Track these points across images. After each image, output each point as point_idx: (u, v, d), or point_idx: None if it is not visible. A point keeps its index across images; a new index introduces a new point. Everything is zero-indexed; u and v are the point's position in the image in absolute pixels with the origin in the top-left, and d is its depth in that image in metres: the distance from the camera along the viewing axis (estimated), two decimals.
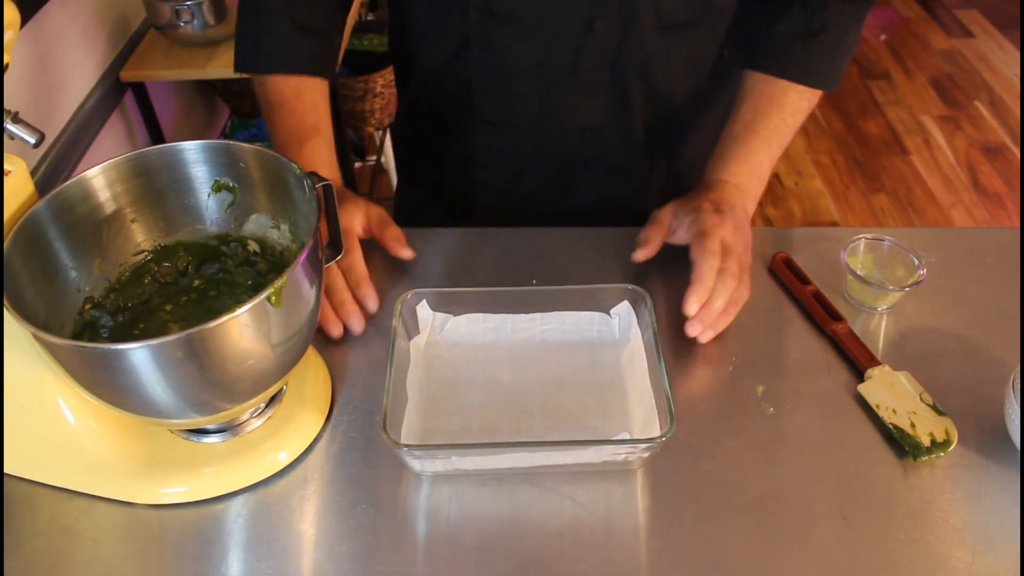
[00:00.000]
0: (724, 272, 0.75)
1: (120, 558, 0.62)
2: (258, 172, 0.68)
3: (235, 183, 0.70)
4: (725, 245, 0.77)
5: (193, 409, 0.59)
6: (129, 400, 0.57)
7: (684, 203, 0.83)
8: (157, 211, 0.70)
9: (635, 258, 0.82)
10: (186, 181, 0.69)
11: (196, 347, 0.53)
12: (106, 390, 0.57)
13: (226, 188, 0.70)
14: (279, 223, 0.70)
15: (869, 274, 0.81)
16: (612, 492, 0.65)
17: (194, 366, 0.54)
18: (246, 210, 0.71)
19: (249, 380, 0.60)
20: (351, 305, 0.78)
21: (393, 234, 0.84)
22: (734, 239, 0.78)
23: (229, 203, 0.71)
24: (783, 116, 0.86)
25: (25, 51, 1.39)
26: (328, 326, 0.77)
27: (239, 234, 0.72)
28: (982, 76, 3.11)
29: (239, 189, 0.70)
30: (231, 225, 0.72)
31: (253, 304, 0.54)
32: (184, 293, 0.71)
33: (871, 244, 0.82)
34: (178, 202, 0.70)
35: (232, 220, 0.71)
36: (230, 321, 0.53)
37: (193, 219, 0.71)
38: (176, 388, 0.56)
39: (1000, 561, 0.61)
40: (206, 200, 0.70)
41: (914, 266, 0.79)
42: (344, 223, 0.81)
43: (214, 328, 0.53)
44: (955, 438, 0.68)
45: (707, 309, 0.74)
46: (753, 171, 0.86)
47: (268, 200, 0.70)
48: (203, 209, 0.71)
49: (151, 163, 0.67)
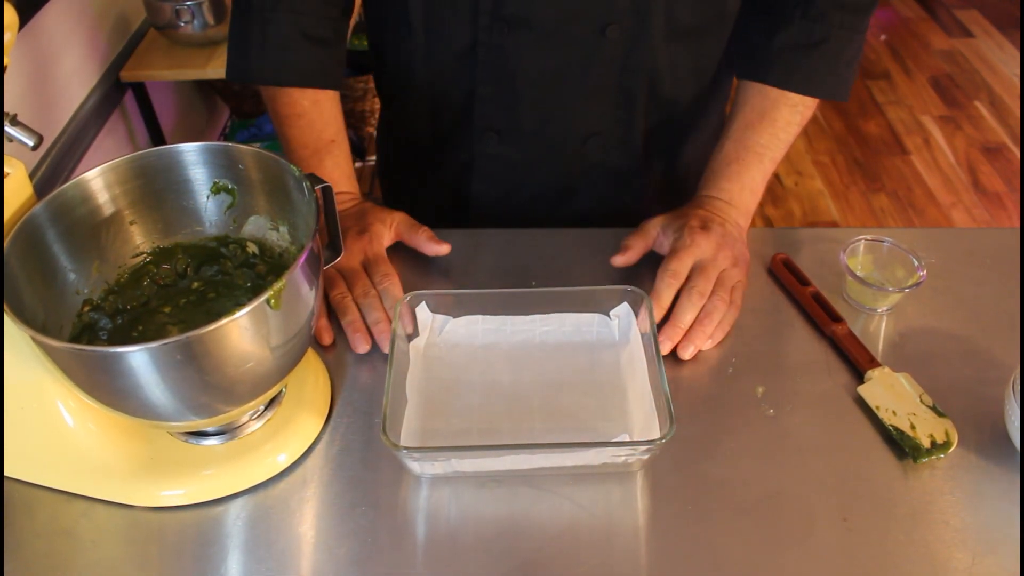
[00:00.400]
0: (690, 290, 0.76)
1: (120, 560, 0.62)
2: (257, 174, 0.68)
3: (234, 185, 0.69)
4: (700, 264, 0.78)
5: (192, 412, 0.59)
6: (128, 403, 0.57)
7: (674, 218, 0.84)
8: (156, 213, 0.70)
9: (614, 262, 0.83)
10: (185, 183, 0.69)
11: (195, 350, 0.53)
12: (105, 393, 0.57)
13: (225, 190, 0.70)
14: (278, 225, 0.70)
15: (869, 275, 0.81)
16: (612, 494, 0.65)
17: (192, 369, 0.54)
18: (245, 212, 0.71)
19: (248, 382, 0.60)
20: (360, 325, 0.77)
21: (426, 234, 0.84)
22: (716, 255, 0.79)
23: (228, 205, 0.71)
24: (774, 131, 0.86)
25: (24, 52, 1.39)
26: (322, 335, 0.77)
27: (238, 236, 0.72)
28: (982, 76, 3.11)
29: (238, 191, 0.70)
30: (230, 227, 0.72)
31: (252, 307, 0.54)
32: (183, 295, 0.71)
33: (871, 245, 0.82)
34: (177, 204, 0.70)
35: (231, 222, 0.71)
36: (229, 324, 0.53)
37: (192, 221, 0.71)
38: (175, 391, 0.56)
39: (1000, 563, 0.61)
40: (205, 202, 0.70)
41: (914, 267, 0.79)
42: (374, 248, 0.82)
43: (213, 331, 0.53)
44: (955, 439, 0.68)
45: (672, 326, 0.75)
46: (745, 186, 0.86)
47: (267, 202, 0.70)
48: (202, 211, 0.71)
49: (150, 165, 0.67)
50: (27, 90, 1.41)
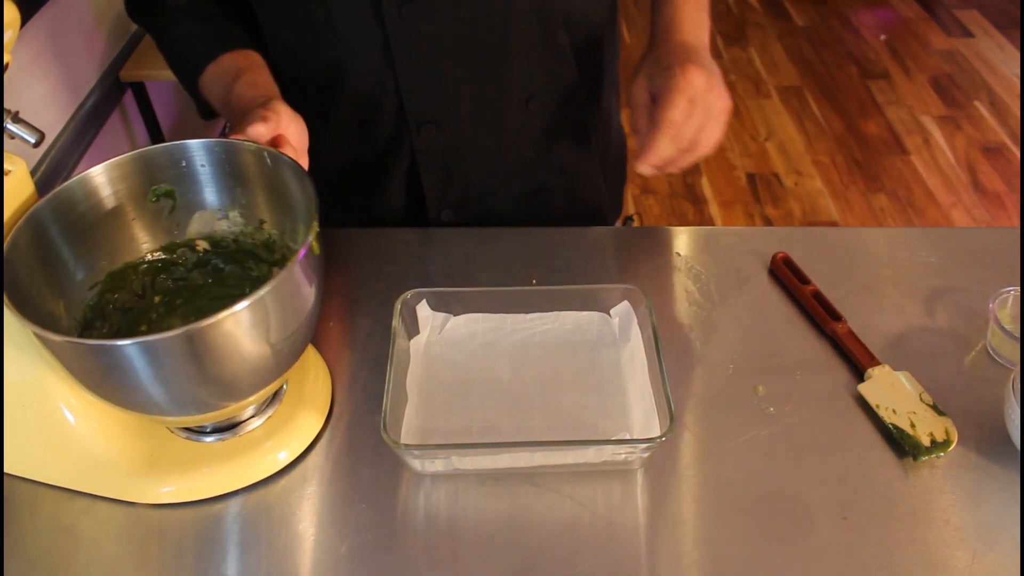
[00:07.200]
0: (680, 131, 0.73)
1: (120, 558, 0.62)
2: (201, 162, 0.68)
3: (172, 185, 0.69)
4: (693, 99, 0.74)
5: (192, 407, 0.59)
6: (129, 397, 0.57)
7: (653, 64, 0.79)
8: (159, 211, 0.70)
9: (638, 168, 0.76)
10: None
11: (195, 343, 0.53)
12: (106, 388, 0.57)
13: (166, 195, 0.69)
14: (228, 211, 0.70)
15: (1015, 329, 0.75)
16: (612, 492, 0.65)
17: (193, 363, 0.55)
18: (188, 211, 0.70)
19: (249, 377, 0.60)
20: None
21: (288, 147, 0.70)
22: (711, 85, 0.74)
23: (169, 209, 0.70)
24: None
25: (25, 50, 1.39)
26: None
27: (184, 238, 0.71)
28: (982, 76, 3.11)
29: (177, 191, 0.69)
30: (173, 232, 0.71)
31: (253, 299, 0.54)
32: (184, 293, 0.71)
33: (1017, 298, 0.76)
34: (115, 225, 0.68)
35: (173, 227, 0.71)
36: (229, 317, 0.53)
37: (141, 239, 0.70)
38: (175, 385, 0.56)
39: (1000, 561, 0.61)
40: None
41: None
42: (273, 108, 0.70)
43: (212, 324, 0.53)
44: (955, 438, 0.68)
45: (652, 157, 0.74)
46: (701, 21, 0.84)
47: (214, 190, 0.69)
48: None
49: (154, 161, 0.67)
50: (28, 88, 1.42)
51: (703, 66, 0.75)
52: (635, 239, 0.90)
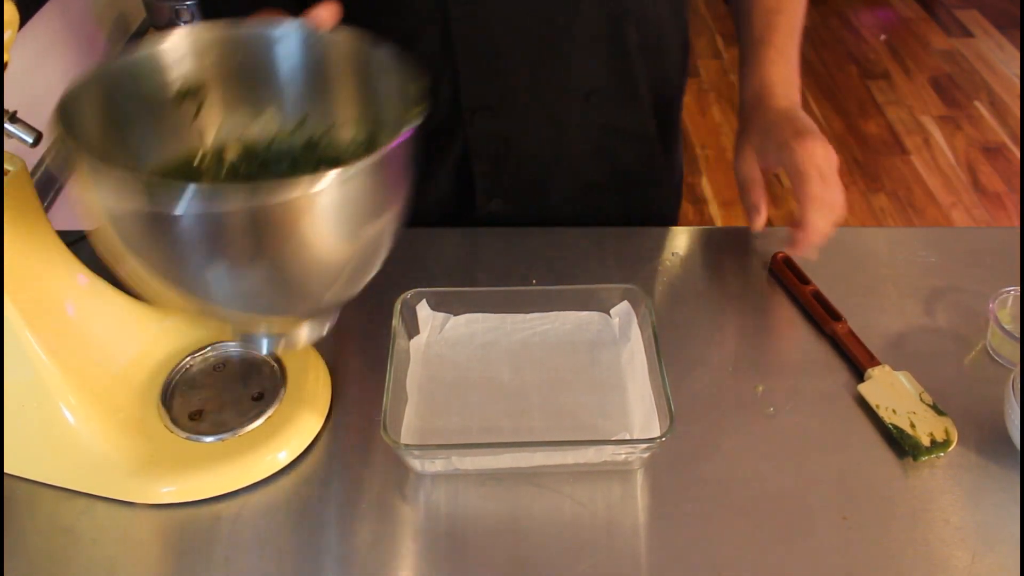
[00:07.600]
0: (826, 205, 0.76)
1: (120, 558, 0.62)
2: (233, 58, 0.59)
3: (201, 82, 0.60)
4: (823, 173, 0.76)
5: (252, 297, 0.53)
6: (184, 272, 0.50)
7: (759, 140, 0.82)
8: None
9: (754, 228, 0.82)
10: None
11: (264, 214, 0.47)
12: (163, 256, 0.50)
13: (190, 93, 0.60)
14: (263, 109, 0.61)
15: (1015, 329, 0.75)
16: (612, 492, 0.65)
17: (255, 239, 0.48)
18: (214, 113, 0.61)
19: (320, 273, 0.53)
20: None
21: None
22: (825, 156, 0.77)
23: (194, 113, 0.61)
24: (790, 16, 0.87)
25: (25, 50, 1.39)
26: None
27: (217, 145, 0.62)
28: (982, 76, 3.11)
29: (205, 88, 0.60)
30: (195, 138, 0.61)
31: (359, 167, 0.48)
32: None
33: (1017, 298, 0.77)
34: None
35: (196, 134, 0.61)
36: (306, 193, 0.46)
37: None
38: (233, 262, 0.49)
39: (1000, 561, 0.61)
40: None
41: None
42: None
43: (287, 196, 0.46)
44: (955, 438, 0.68)
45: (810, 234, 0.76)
46: (791, 78, 0.86)
47: (245, 87, 0.61)
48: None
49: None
50: (27, 88, 1.41)
51: (815, 133, 0.78)
52: (635, 239, 0.90)
